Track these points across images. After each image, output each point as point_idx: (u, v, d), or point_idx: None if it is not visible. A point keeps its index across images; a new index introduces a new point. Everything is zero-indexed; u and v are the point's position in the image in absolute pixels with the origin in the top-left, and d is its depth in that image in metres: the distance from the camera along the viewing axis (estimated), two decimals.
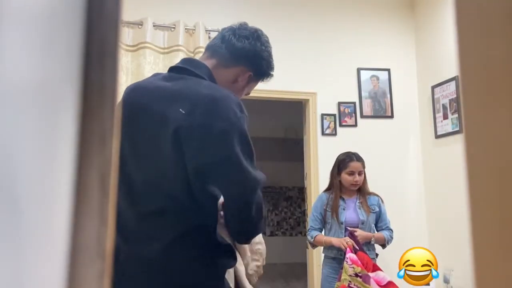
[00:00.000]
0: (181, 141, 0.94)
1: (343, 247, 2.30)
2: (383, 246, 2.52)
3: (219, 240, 1.02)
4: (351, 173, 2.49)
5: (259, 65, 1.16)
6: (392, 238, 2.51)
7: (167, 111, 0.97)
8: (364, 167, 2.53)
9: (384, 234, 2.48)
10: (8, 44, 0.25)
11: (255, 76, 1.18)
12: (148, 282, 0.96)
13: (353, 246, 2.29)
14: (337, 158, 2.60)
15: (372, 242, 2.46)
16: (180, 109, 0.95)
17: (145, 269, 0.96)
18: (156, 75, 1.16)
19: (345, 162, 2.52)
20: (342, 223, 2.47)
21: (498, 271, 0.27)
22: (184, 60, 1.17)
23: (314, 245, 2.58)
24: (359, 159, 2.52)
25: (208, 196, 0.99)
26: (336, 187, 2.55)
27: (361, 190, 2.54)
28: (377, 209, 2.52)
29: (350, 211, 2.50)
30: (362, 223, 2.46)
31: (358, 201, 2.52)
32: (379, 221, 2.54)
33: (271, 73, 1.21)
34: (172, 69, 1.14)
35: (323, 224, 2.57)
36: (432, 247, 3.16)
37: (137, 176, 1.00)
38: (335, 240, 2.38)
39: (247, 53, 1.13)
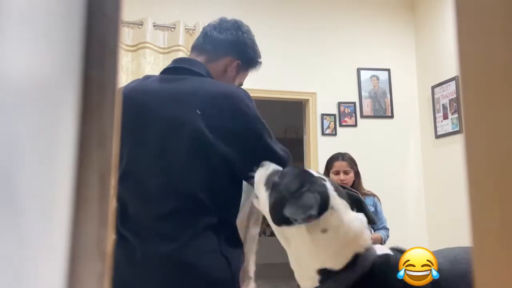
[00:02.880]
0: (204, 139, 0.98)
1: None
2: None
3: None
4: (337, 173, 2.50)
5: (244, 52, 1.21)
6: (388, 236, 2.50)
7: (181, 112, 1.00)
8: (352, 167, 2.50)
9: (381, 234, 2.48)
10: (8, 44, 0.25)
11: (243, 64, 1.22)
12: (165, 281, 0.97)
13: None
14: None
15: None
16: (197, 110, 0.99)
17: (162, 267, 0.97)
18: (148, 77, 1.17)
19: (331, 161, 2.55)
20: None
21: (498, 271, 0.27)
22: (179, 60, 1.20)
23: None
24: (344, 158, 2.51)
25: (232, 189, 1.05)
26: None
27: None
28: (372, 209, 2.51)
29: None
30: None
31: None
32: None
33: (259, 60, 1.26)
34: (166, 71, 1.15)
35: None
36: (432, 247, 3.15)
37: (149, 177, 1.01)
38: None
39: (230, 42, 1.18)
